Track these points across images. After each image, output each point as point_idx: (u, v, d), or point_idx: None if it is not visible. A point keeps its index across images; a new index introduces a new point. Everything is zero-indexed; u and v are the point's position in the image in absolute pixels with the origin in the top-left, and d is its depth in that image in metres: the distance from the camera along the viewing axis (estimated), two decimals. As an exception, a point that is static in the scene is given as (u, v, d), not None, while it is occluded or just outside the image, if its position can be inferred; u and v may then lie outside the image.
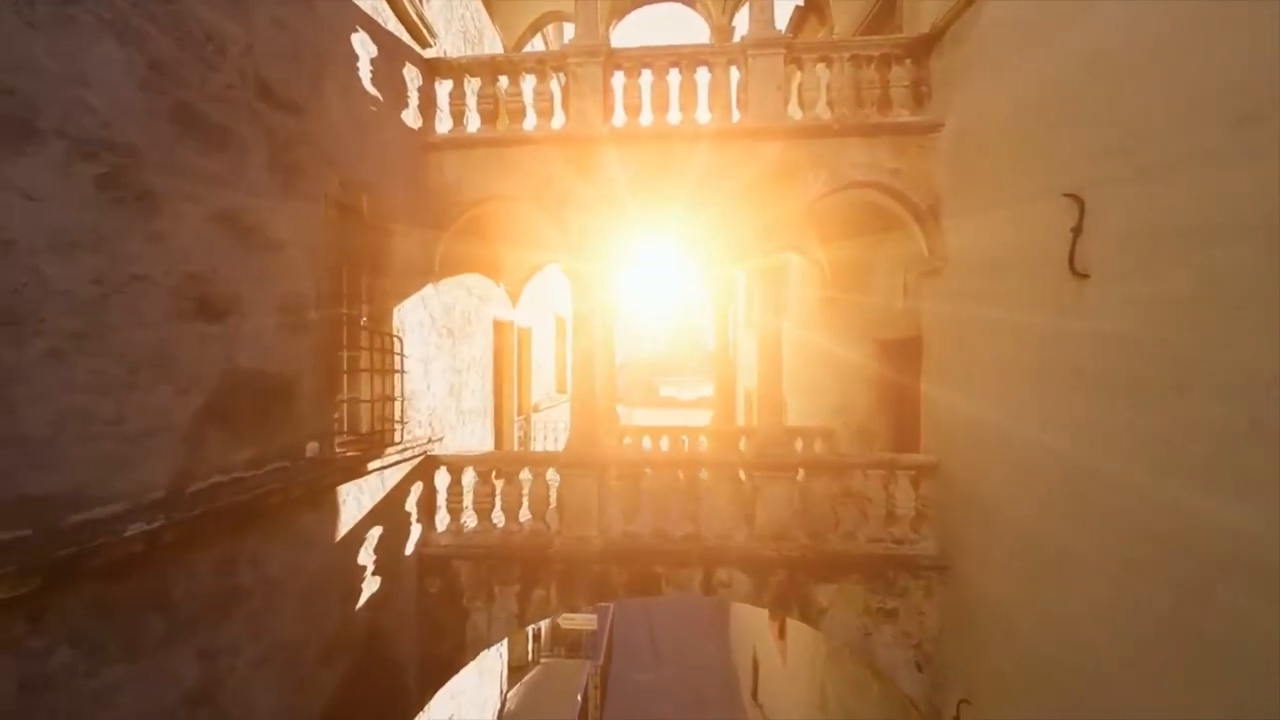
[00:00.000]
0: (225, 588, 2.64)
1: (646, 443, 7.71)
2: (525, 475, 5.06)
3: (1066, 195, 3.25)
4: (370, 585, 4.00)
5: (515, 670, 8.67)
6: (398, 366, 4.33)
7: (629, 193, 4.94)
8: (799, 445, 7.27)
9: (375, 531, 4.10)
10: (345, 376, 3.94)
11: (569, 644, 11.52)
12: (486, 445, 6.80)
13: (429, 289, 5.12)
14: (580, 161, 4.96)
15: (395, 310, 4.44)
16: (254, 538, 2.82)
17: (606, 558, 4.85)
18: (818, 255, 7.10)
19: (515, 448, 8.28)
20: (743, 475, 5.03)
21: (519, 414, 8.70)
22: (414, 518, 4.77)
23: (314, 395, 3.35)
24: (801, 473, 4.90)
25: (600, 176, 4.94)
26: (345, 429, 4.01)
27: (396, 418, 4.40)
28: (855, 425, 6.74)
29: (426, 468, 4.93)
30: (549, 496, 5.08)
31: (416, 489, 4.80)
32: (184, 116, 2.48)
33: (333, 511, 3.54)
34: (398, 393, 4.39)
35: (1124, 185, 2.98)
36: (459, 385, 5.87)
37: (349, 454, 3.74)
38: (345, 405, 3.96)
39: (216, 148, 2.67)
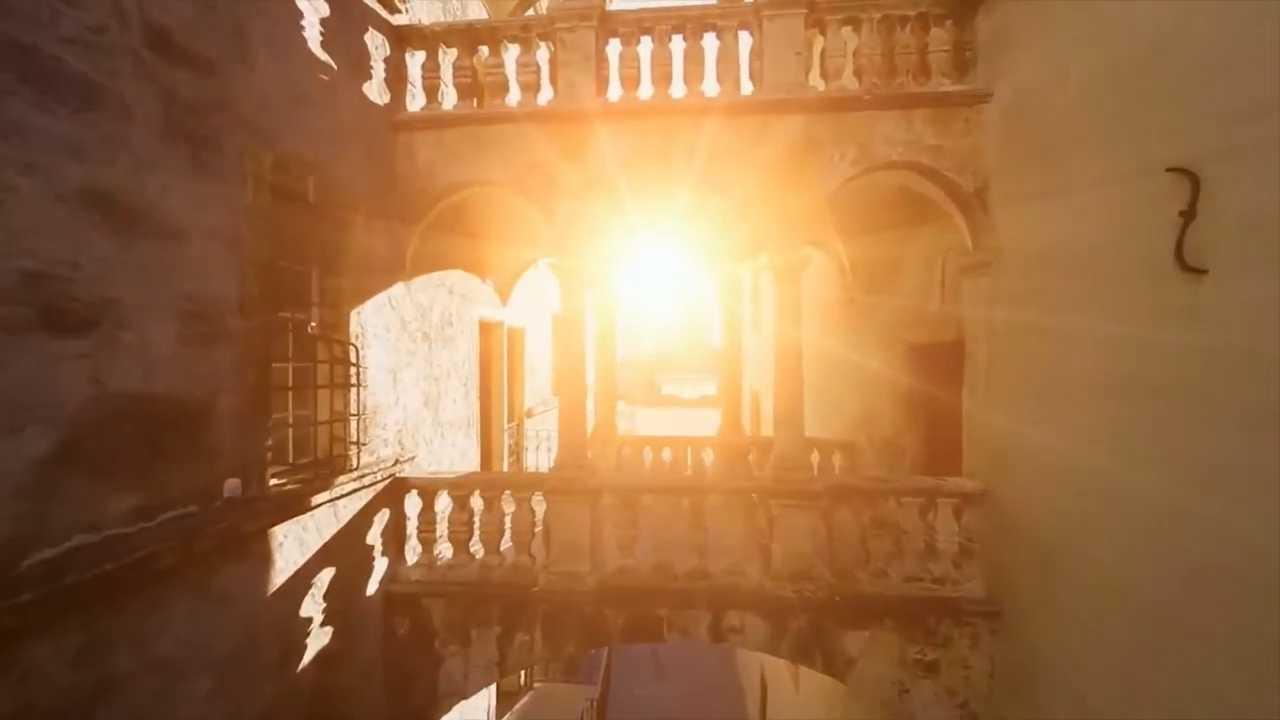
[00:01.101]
0: (91, 680, 2.02)
1: (647, 454, 7.07)
2: (507, 500, 4.43)
3: (1174, 170, 2.57)
4: (318, 639, 3.39)
5: (505, 697, 8.09)
6: (355, 379, 3.71)
7: (625, 177, 4.29)
8: (814, 459, 6.62)
9: (326, 574, 3.48)
10: (288, 394, 3.32)
11: (566, 659, 10.93)
12: (470, 459, 6.18)
13: (399, 289, 4.49)
14: (570, 142, 4.30)
15: (354, 314, 3.82)
16: (137, 609, 2.20)
17: (600, 597, 4.22)
18: (837, 250, 6.42)
19: (505, 459, 7.66)
20: (754, 495, 4.38)
21: (510, 421, 8.08)
22: (379, 551, 4.15)
23: (236, 420, 2.73)
24: (826, 500, 4.25)
25: (593, 159, 4.28)
26: (290, 456, 3.40)
27: (354, 438, 3.78)
28: (879, 439, 6.07)
29: (394, 492, 4.32)
30: (534, 524, 4.45)
31: (382, 518, 4.18)
32: (18, 61, 1.85)
33: (263, 559, 2.92)
34: (355, 409, 3.77)
35: (1257, 155, 2.30)
36: (437, 395, 5.25)
37: (288, 487, 3.12)
38: (288, 428, 3.34)
39: (77, 107, 2.04)
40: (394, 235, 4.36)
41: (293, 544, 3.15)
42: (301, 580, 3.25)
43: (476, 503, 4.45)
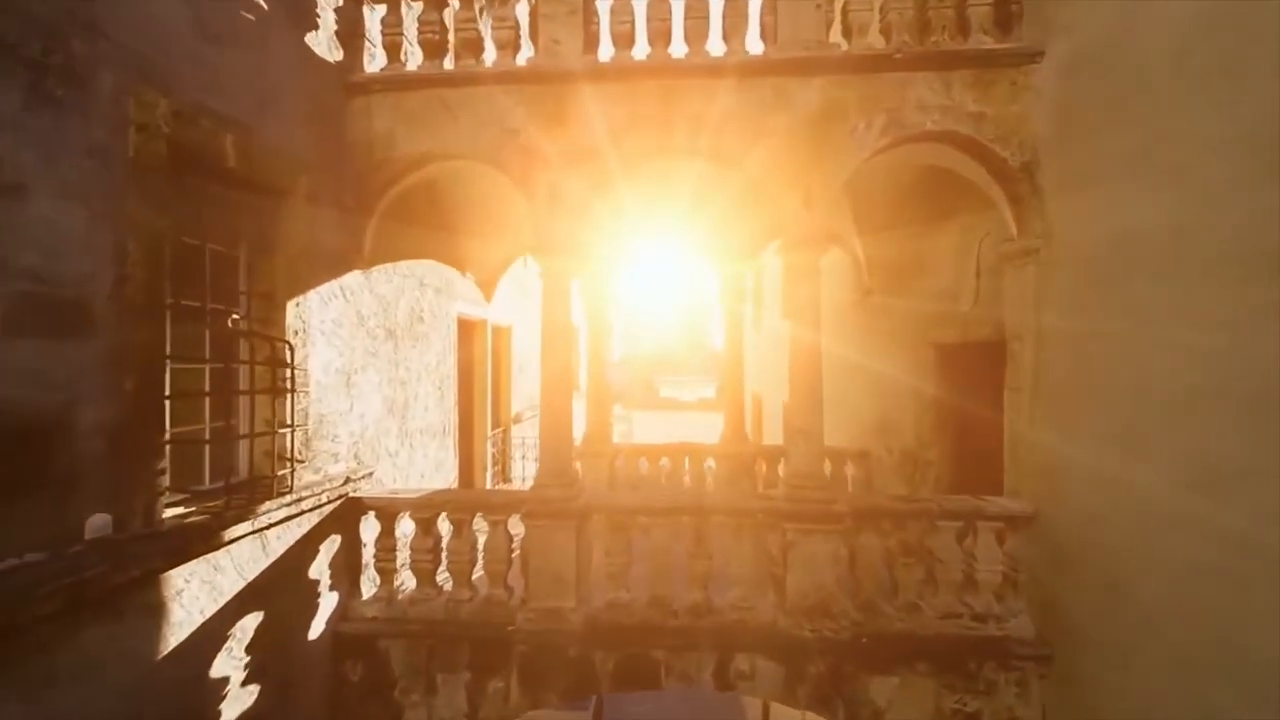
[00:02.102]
0: None
1: (643, 465, 6.46)
2: (480, 523, 3.82)
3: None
4: (238, 702, 2.76)
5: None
6: (292, 383, 3.09)
7: (616, 149, 3.69)
8: (827, 469, 6.02)
9: (250, 621, 2.86)
10: (205, 403, 2.71)
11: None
12: (447, 471, 5.56)
13: (354, 278, 3.87)
14: (552, 107, 3.70)
15: (292, 306, 3.20)
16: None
17: (587, 637, 3.61)
18: (853, 245, 5.84)
19: (489, 470, 7.04)
20: (766, 517, 3.78)
21: (495, 428, 7.46)
22: (326, 585, 3.53)
23: (108, 437, 2.11)
24: (849, 523, 3.65)
25: (578, 127, 3.68)
26: (206, 479, 2.78)
27: (293, 453, 3.16)
28: (899, 450, 5.49)
29: (347, 515, 3.70)
30: (511, 551, 3.84)
31: (330, 546, 3.56)
32: None
33: (151, 613, 2.30)
34: (294, 419, 3.15)
35: None
36: (404, 400, 4.63)
37: (192, 519, 2.50)
38: (204, 445, 2.73)
39: None
40: (348, 215, 3.74)
41: (199, 589, 2.53)
42: (213, 633, 2.62)
43: (444, 526, 3.84)
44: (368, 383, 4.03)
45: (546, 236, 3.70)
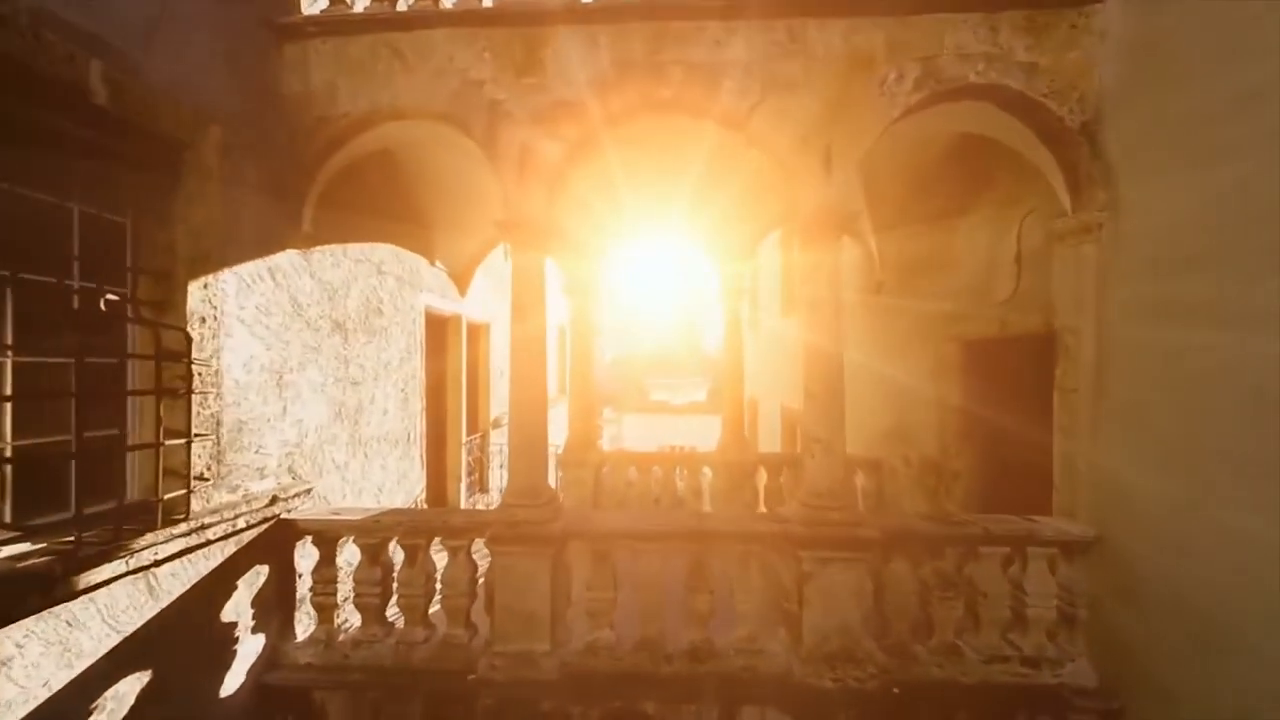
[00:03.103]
0: None
1: (632, 473, 5.86)
2: (438, 551, 3.21)
3: None
4: (107, 793, 2.14)
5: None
6: (188, 382, 2.47)
7: (599, 103, 3.10)
8: None
9: (129, 685, 2.23)
10: (71, 404, 2.08)
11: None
12: (410, 483, 4.94)
13: (289, 258, 3.26)
14: (524, 55, 3.11)
15: (197, 287, 2.58)
16: None
17: (563, 688, 3.00)
18: (863, 231, 5.29)
19: (463, 480, 6.42)
20: (779, 541, 3.19)
21: (471, 434, 6.84)
22: (247, 626, 2.90)
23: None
24: (877, 549, 3.08)
25: (554, 75, 3.10)
26: (73, 504, 2.16)
27: (201, 468, 2.54)
28: (919, 459, 4.93)
29: (278, 541, 3.07)
30: (475, 582, 3.23)
31: (254, 578, 2.94)
32: None
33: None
34: (200, 425, 2.53)
35: None
36: (357, 403, 4.01)
37: (25, 564, 1.88)
38: (70, 460, 2.10)
39: None
40: (280, 183, 3.13)
41: (41, 655, 1.91)
42: (67, 709, 2.00)
43: (395, 553, 3.23)
44: (307, 383, 3.41)
45: (516, 209, 3.10)
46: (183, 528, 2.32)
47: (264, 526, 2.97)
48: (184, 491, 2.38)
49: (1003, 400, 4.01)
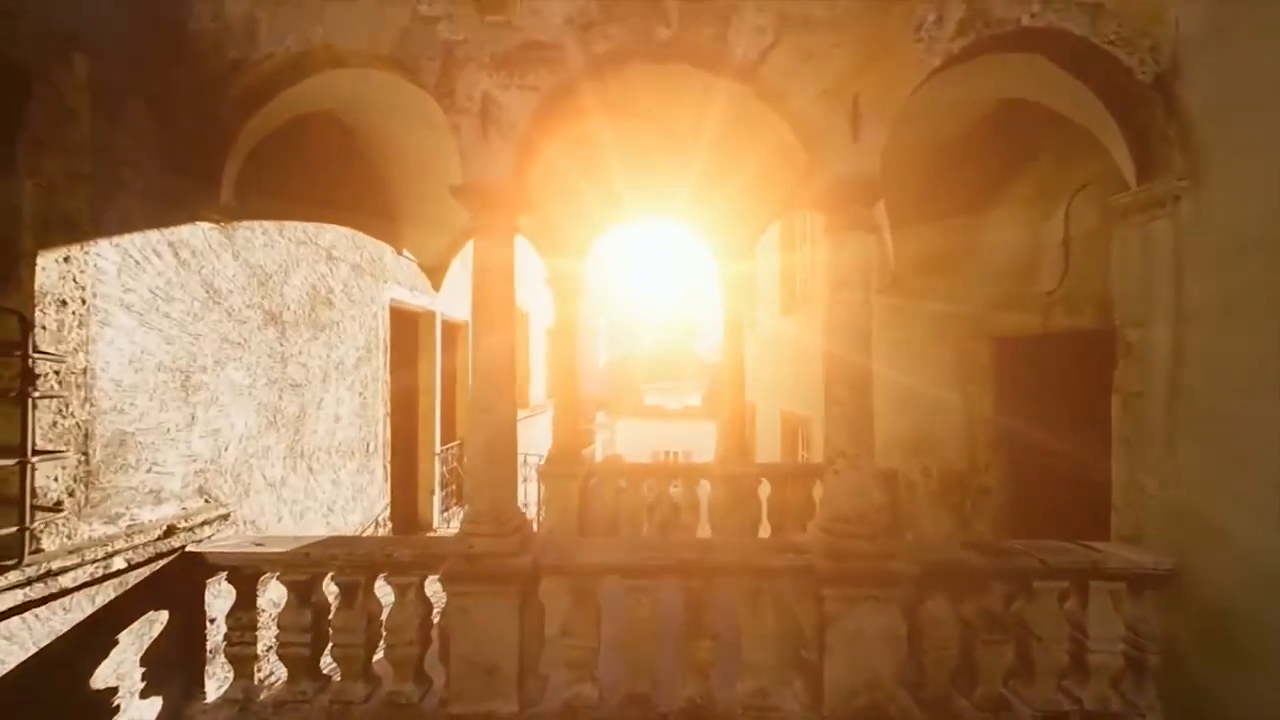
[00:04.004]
0: None
1: (623, 484, 5.30)
2: (383, 589, 2.64)
3: None
4: None
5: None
6: (52, 383, 1.89)
7: (580, 49, 2.56)
8: (817, 492, 4.92)
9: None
10: None
11: None
12: (371, 499, 4.36)
13: (202, 233, 2.69)
14: (489, -12, 2.58)
15: (52, 260, 2.00)
16: None
17: (533, 759, 2.44)
18: (879, 218, 4.79)
19: (436, 493, 5.84)
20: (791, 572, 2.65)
21: (447, 442, 6.26)
22: (135, 689, 2.31)
23: None
24: (911, 585, 2.55)
25: (526, 16, 2.56)
26: None
27: (55, 496, 1.96)
28: (940, 472, 4.42)
29: (183, 580, 2.49)
30: (429, 627, 2.67)
31: (148, 628, 2.35)
32: None
33: None
34: (52, 438, 1.95)
35: None
36: (298, 408, 3.43)
37: None
38: None
39: None
40: (188, 141, 2.56)
41: None
42: None
43: (330, 592, 2.65)
44: (228, 385, 2.84)
45: (477, 173, 2.55)
46: (12, 576, 1.74)
47: (161, 563, 2.38)
48: (15, 529, 1.79)
49: (1043, 405, 3.52)
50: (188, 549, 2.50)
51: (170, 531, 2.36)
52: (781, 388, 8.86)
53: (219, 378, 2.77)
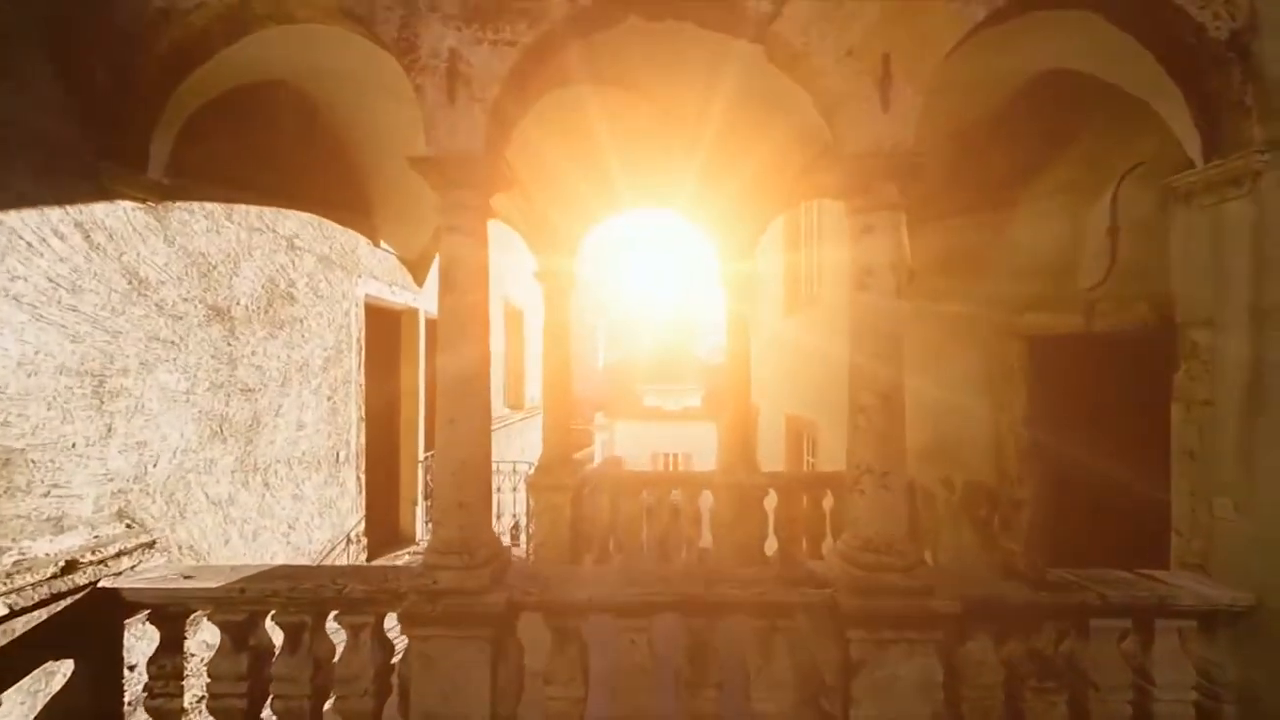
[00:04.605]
0: None
1: (619, 502, 4.92)
2: (335, 630, 2.26)
3: None
4: None
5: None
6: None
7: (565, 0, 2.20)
8: (828, 503, 4.59)
9: None
10: None
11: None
12: (341, 514, 3.98)
13: (125, 214, 2.31)
14: (458, -72, 2.21)
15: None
16: None
17: (508, 833, 2.07)
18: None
19: (419, 504, 5.45)
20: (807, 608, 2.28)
21: (430, 448, 5.87)
22: (29, 758, 1.93)
23: None
24: (950, 625, 2.18)
25: (502, -42, 2.19)
26: None
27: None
28: (964, 483, 4.06)
29: (91, 622, 2.11)
30: (389, 673, 2.29)
31: (44, 682, 1.97)
32: None
33: None
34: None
35: None
36: (250, 416, 3.05)
37: None
38: None
39: None
40: (105, 104, 2.18)
41: None
42: None
43: (272, 633, 2.27)
44: (157, 390, 2.46)
45: (443, 142, 2.18)
46: None
47: (64, 603, 2.00)
48: None
49: (1085, 412, 3.16)
50: (101, 584, 2.12)
51: (71, 567, 1.98)
52: (786, 390, 8.52)
53: (145, 382, 2.39)
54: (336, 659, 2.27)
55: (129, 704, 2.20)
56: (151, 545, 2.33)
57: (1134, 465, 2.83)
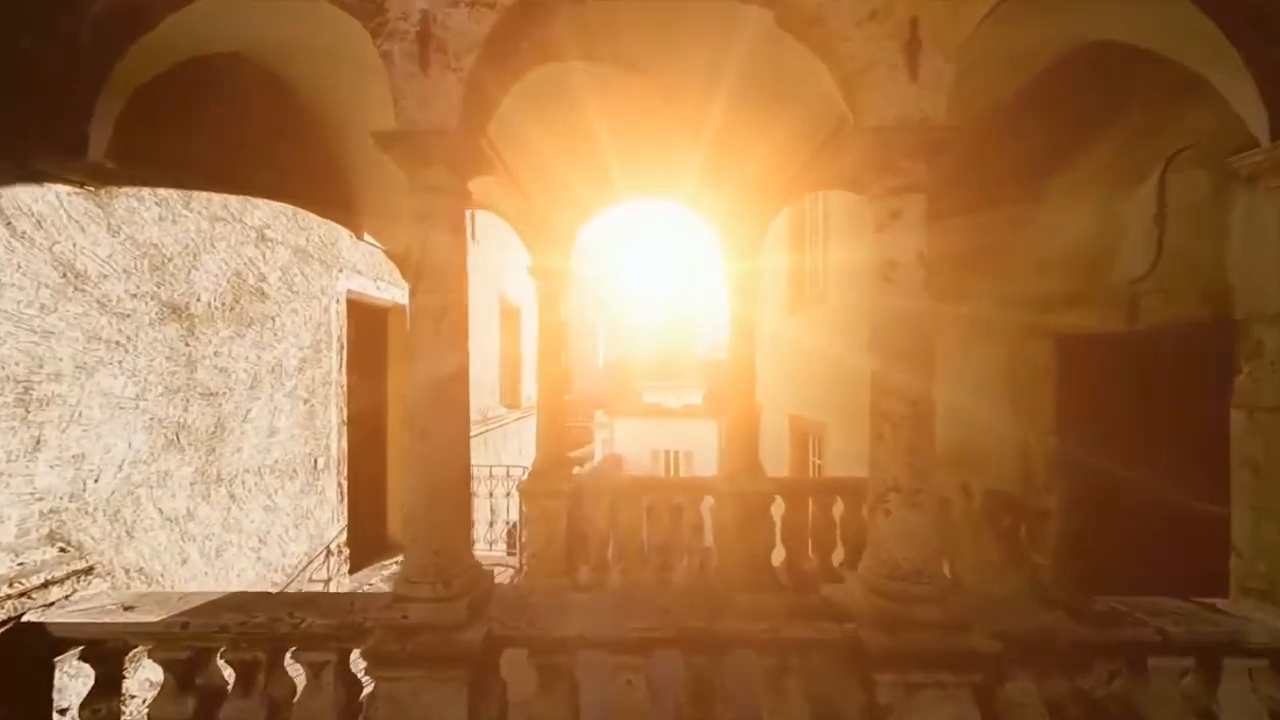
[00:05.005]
0: None
1: (617, 511, 4.67)
2: (293, 670, 2.01)
3: None
4: None
5: None
6: None
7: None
8: (838, 510, 4.34)
9: None
10: None
11: None
12: (320, 524, 3.73)
13: (57, 199, 2.06)
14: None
15: None
16: None
17: None
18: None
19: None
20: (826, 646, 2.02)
21: (419, 452, 5.60)
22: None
23: None
24: (989, 666, 1.93)
25: (479, -94, 1.92)
26: None
27: None
28: (984, 491, 3.80)
29: (19, 659, 1.86)
30: (358, 713, 2.03)
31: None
32: None
33: None
34: None
35: None
36: (213, 422, 2.80)
37: None
38: None
39: None
40: (33, 76, 1.92)
41: None
42: None
43: (222, 671, 2.02)
44: (98, 396, 2.20)
45: (413, 116, 1.92)
46: None
47: (-19, 640, 1.75)
48: None
49: (1123, 417, 2.90)
50: (26, 618, 1.87)
51: (-11, 600, 1.73)
52: (789, 390, 8.25)
53: (84, 388, 2.14)
54: (296, 699, 2.02)
55: (60, 751, 1.96)
56: (88, 572, 2.07)
57: (1183, 477, 2.58)
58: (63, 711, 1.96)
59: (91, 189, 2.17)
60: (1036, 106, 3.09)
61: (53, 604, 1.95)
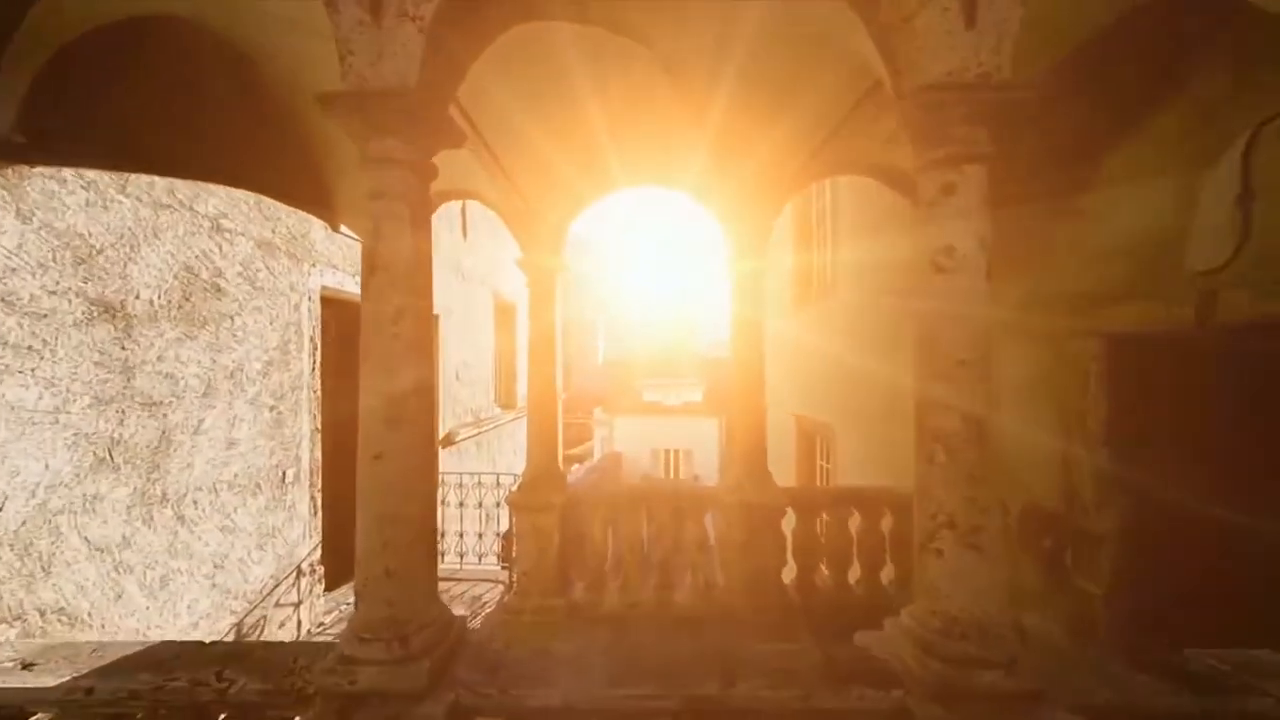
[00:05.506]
0: None
1: (613, 526, 4.33)
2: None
3: None
4: None
5: None
6: None
7: None
8: (855, 522, 4.01)
9: None
10: None
11: None
12: (290, 541, 3.41)
13: (-54, 177, 1.72)
14: None
15: None
16: None
17: None
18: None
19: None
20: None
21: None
22: None
23: None
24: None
25: None
26: None
27: None
28: (1021, 509, 3.44)
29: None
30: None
31: None
32: None
33: None
34: None
35: None
36: (156, 435, 2.47)
37: None
38: None
39: None
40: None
41: None
42: None
43: (143, 738, 1.69)
44: (4, 411, 1.87)
45: (364, 73, 1.58)
46: None
47: None
48: None
49: (1192, 428, 2.55)
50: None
51: None
52: (793, 389, 7.90)
53: (-20, 402, 1.80)
54: (229, 774, 1.68)
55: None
56: (-15, 620, 1.74)
57: (1272, 501, 2.23)
58: (-55, 793, 1.63)
59: (-10, 166, 1.83)
60: (1087, 73, 2.73)
61: (-66, 662, 1.63)
